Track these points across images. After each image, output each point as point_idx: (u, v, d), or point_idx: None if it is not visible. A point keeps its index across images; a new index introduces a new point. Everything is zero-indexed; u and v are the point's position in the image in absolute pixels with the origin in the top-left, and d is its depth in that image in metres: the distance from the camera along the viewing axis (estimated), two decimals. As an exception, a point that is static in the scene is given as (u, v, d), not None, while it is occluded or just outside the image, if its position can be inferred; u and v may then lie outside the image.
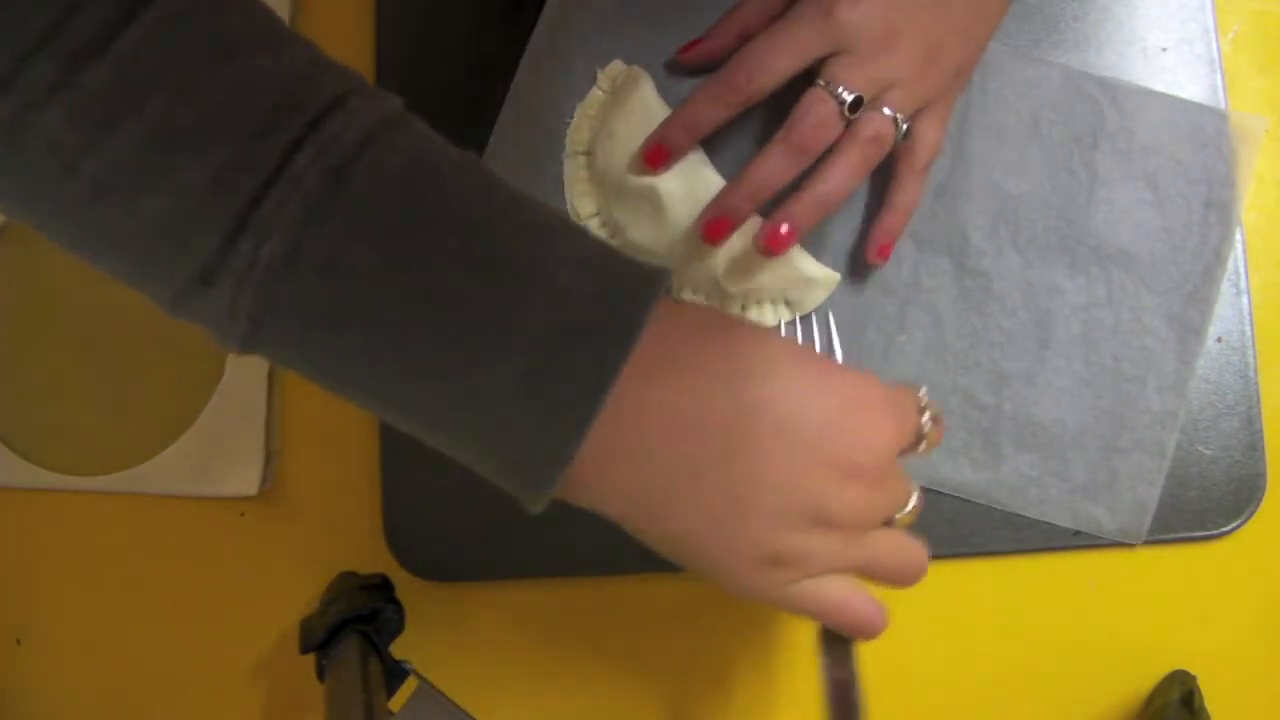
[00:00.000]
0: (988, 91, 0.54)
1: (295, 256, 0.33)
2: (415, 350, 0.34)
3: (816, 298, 0.54)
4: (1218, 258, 0.53)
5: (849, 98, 0.47)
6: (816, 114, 0.47)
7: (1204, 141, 0.54)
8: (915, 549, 0.41)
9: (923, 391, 0.41)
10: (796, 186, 0.49)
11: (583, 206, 0.55)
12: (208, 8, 0.33)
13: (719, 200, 0.50)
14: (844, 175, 0.48)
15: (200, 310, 0.35)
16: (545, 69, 0.56)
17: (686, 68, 0.54)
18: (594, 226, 0.55)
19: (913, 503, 0.41)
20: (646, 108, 0.54)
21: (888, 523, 0.40)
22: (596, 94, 0.56)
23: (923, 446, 0.41)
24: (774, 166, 0.48)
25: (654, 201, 0.52)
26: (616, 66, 0.56)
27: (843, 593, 0.40)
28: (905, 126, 0.49)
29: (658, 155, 0.51)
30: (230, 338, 0.35)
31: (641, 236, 0.53)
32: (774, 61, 0.48)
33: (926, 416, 0.41)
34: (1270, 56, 0.56)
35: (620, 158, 0.53)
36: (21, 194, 0.34)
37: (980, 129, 0.54)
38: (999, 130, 0.54)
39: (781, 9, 0.50)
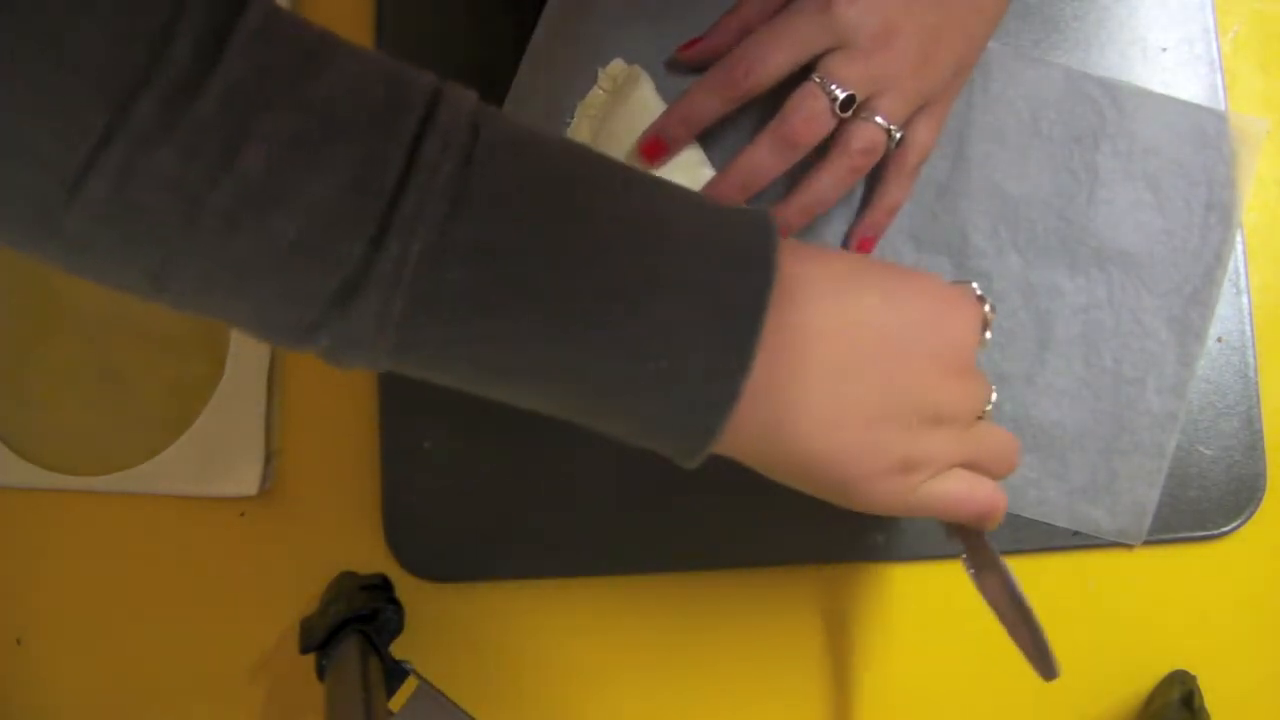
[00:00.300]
0: (989, 92, 0.54)
1: (443, 249, 0.33)
2: (575, 311, 0.34)
3: None
4: (1218, 259, 0.53)
5: (841, 95, 0.47)
6: (808, 108, 0.47)
7: (1205, 143, 0.54)
8: (1008, 435, 0.43)
9: (974, 284, 0.43)
10: (790, 181, 0.49)
11: None
12: (281, 21, 0.33)
13: (707, 192, 0.50)
14: (831, 185, 0.49)
15: (341, 331, 0.34)
16: (545, 69, 0.56)
17: (687, 66, 0.54)
18: None
19: (994, 394, 0.42)
20: (647, 107, 0.54)
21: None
22: (597, 93, 0.56)
23: (988, 334, 0.42)
24: (762, 158, 0.48)
25: None
26: (617, 66, 0.56)
27: (966, 485, 0.41)
28: (899, 135, 0.49)
29: (655, 148, 0.51)
30: (376, 354, 0.34)
31: None
32: (772, 56, 0.48)
33: (987, 306, 0.42)
34: (1271, 57, 0.56)
35: (621, 157, 0.53)
36: (137, 246, 0.32)
37: (981, 130, 0.54)
38: (1000, 131, 0.54)
39: (782, 7, 0.50)
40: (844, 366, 0.37)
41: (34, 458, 0.58)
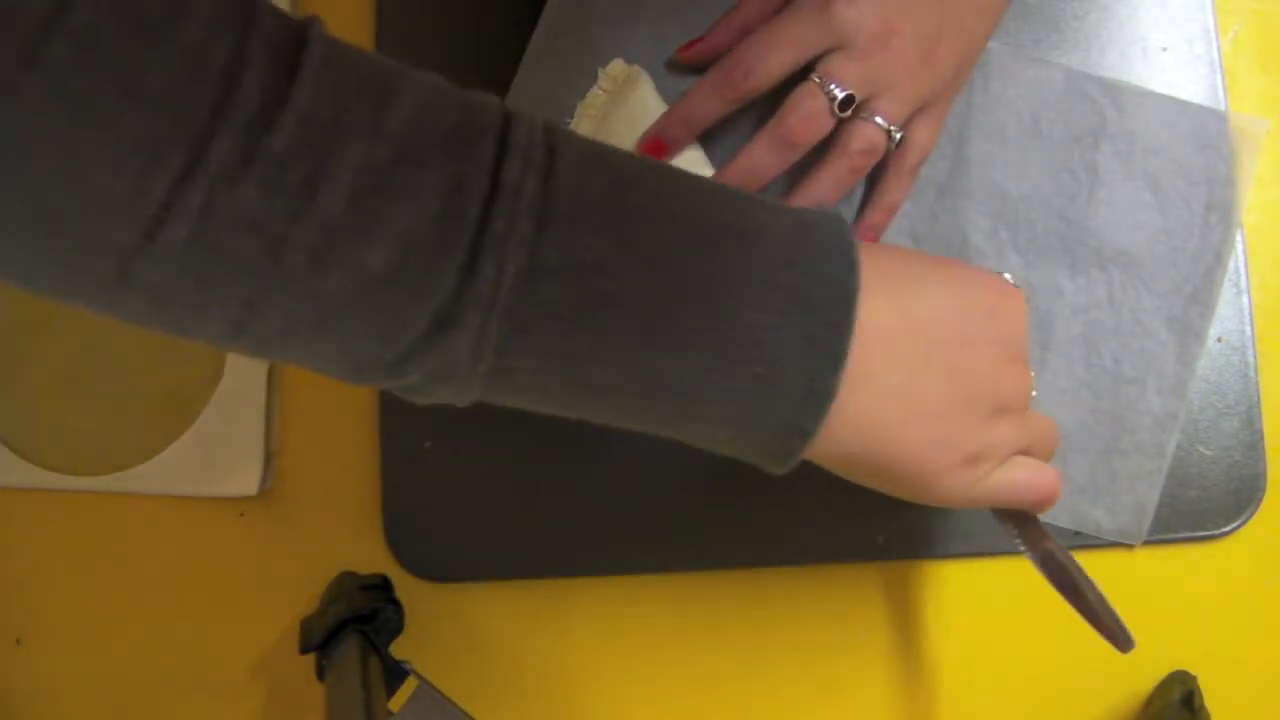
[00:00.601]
0: (989, 92, 0.54)
1: (535, 269, 0.32)
2: (669, 321, 0.34)
3: None
4: (1218, 260, 0.53)
5: (840, 95, 0.47)
6: (806, 108, 0.47)
7: (1205, 143, 0.54)
8: (1049, 418, 0.44)
9: (1007, 275, 0.43)
10: (789, 181, 0.49)
11: None
12: (342, 50, 0.32)
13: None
14: (831, 186, 0.49)
15: (433, 363, 0.33)
16: (545, 69, 0.56)
17: (687, 66, 0.54)
18: None
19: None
20: (647, 107, 0.54)
21: None
22: (597, 93, 0.56)
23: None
24: (760, 157, 0.48)
25: None
26: (617, 66, 0.56)
27: (1027, 471, 0.42)
28: (899, 136, 0.49)
29: (655, 149, 0.51)
30: (468, 383, 0.34)
31: None
32: (771, 56, 0.48)
33: (1024, 294, 0.43)
34: (1271, 56, 0.56)
35: None
36: (218, 291, 0.31)
37: (981, 129, 0.54)
38: (1000, 131, 0.54)
39: (782, 7, 0.50)
40: (916, 362, 0.38)
41: (34, 458, 0.58)
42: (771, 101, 0.49)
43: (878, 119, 0.48)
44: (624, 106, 0.54)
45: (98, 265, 0.30)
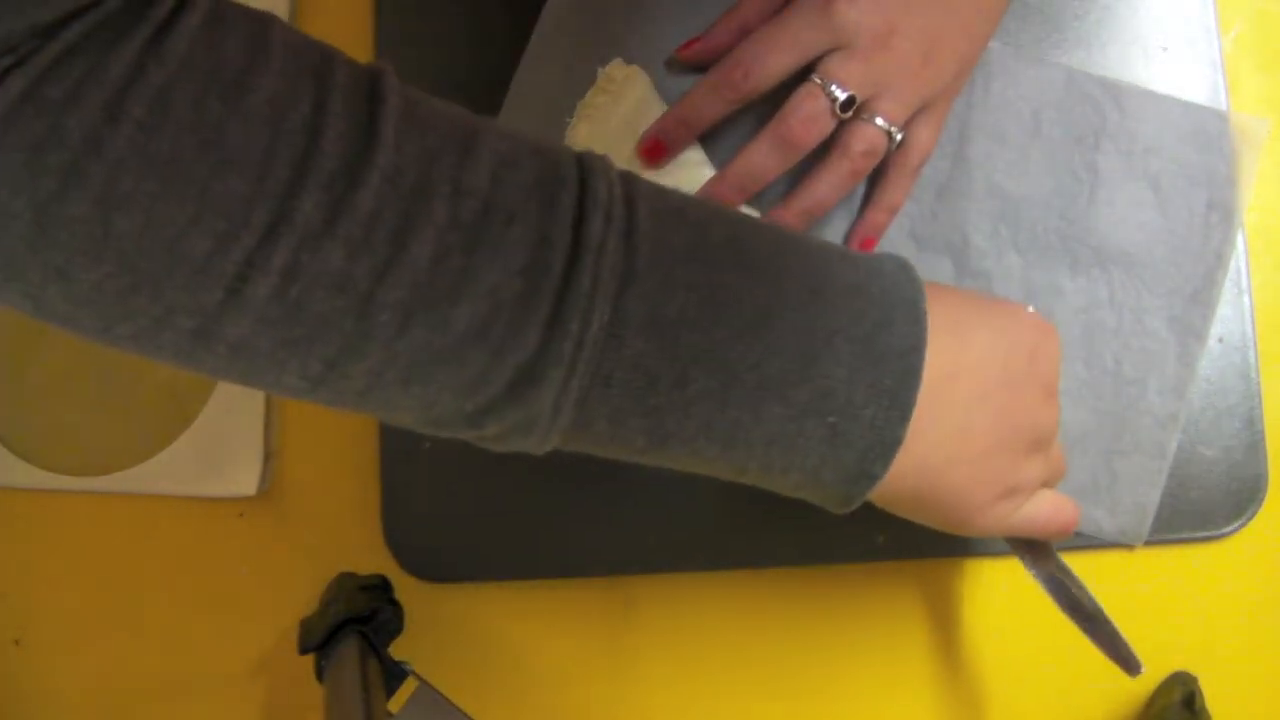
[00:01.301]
0: (990, 92, 0.54)
1: (619, 324, 0.32)
2: (747, 374, 0.34)
3: None
4: (1219, 260, 0.53)
5: (842, 96, 0.47)
6: (807, 109, 0.47)
7: (1206, 143, 0.54)
8: (1061, 448, 0.45)
9: (1030, 308, 0.44)
10: (790, 181, 0.49)
11: None
12: (419, 100, 0.32)
13: (706, 191, 0.50)
14: (832, 187, 0.49)
15: (514, 417, 0.33)
16: (545, 69, 0.56)
17: (686, 65, 0.54)
18: None
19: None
20: (647, 107, 0.54)
21: None
22: (597, 93, 0.56)
23: None
24: (761, 158, 0.48)
25: None
26: (617, 66, 0.56)
27: (1051, 504, 0.43)
28: (899, 137, 0.49)
29: (655, 150, 0.51)
30: (547, 436, 0.34)
31: None
32: (771, 57, 0.48)
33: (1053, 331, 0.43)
34: (1272, 56, 0.56)
35: (621, 157, 0.53)
36: (300, 348, 0.31)
37: (982, 130, 0.54)
38: (1001, 131, 0.54)
39: (782, 7, 0.50)
40: (969, 402, 0.38)
41: (34, 458, 0.58)
42: (774, 100, 0.49)
43: (879, 120, 0.48)
44: (623, 106, 0.54)
45: (178, 322, 0.30)
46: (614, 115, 0.54)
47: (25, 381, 0.59)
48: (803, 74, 0.48)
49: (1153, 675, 0.53)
